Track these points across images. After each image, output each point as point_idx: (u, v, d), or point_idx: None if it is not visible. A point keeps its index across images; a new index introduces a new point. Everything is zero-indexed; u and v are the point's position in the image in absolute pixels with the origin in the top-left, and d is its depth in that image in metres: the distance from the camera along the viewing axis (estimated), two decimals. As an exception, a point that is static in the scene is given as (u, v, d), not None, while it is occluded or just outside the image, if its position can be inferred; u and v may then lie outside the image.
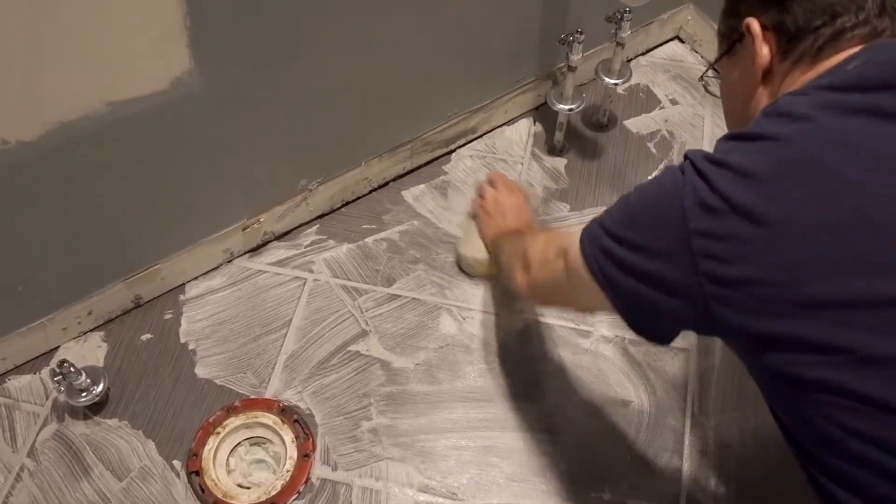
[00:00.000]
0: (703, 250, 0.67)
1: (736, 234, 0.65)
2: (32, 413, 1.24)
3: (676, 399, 1.25)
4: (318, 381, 1.27)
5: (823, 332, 0.63)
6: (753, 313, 0.66)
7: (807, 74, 0.74)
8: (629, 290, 0.74)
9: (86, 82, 0.99)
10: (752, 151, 0.67)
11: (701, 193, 0.67)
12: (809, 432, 0.69)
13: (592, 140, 1.57)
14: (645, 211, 0.73)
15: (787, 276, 0.64)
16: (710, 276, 0.67)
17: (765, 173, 0.65)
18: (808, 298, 0.63)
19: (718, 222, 0.66)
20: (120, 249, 1.25)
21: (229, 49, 1.07)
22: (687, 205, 0.68)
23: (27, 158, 1.01)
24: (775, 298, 0.64)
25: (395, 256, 1.40)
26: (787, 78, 0.76)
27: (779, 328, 0.65)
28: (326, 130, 1.31)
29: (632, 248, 0.73)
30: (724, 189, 0.66)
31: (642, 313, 0.76)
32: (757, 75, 0.78)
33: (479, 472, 1.19)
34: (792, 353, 0.65)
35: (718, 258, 0.66)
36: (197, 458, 1.19)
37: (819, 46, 0.73)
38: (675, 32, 1.73)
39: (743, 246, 0.65)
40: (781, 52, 0.76)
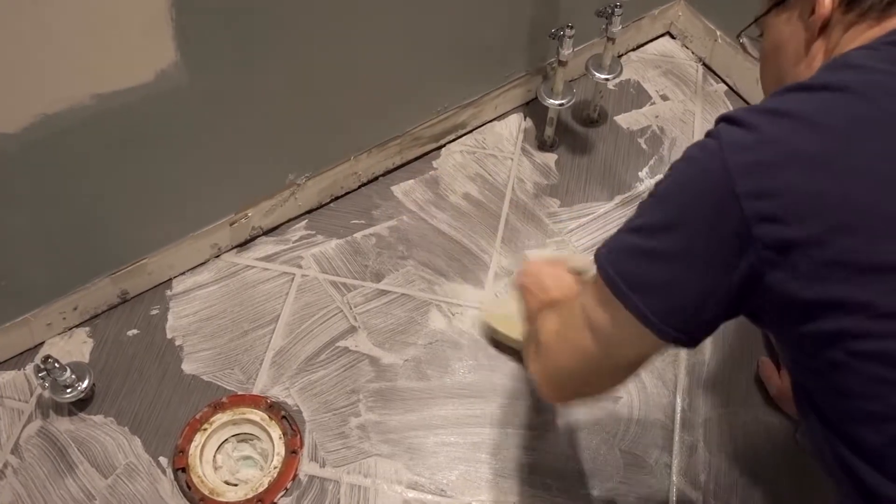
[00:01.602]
0: (756, 213, 0.60)
1: (796, 188, 0.58)
2: (17, 409, 1.22)
3: (666, 395, 1.25)
4: (307, 377, 1.26)
5: (890, 298, 0.57)
6: (813, 278, 0.59)
7: (872, 31, 0.67)
8: (661, 280, 0.65)
9: (69, 74, 0.97)
10: (816, 100, 0.61)
11: (748, 149, 0.61)
12: (849, 408, 0.63)
13: (583, 135, 1.57)
14: (676, 189, 0.65)
15: (856, 235, 0.58)
16: (767, 240, 0.60)
17: (834, 123, 0.59)
18: (879, 261, 0.58)
19: (774, 177, 0.59)
20: (106, 244, 1.23)
21: (215, 41, 1.06)
22: (731, 165, 0.60)
23: (9, 151, 0.99)
24: (840, 260, 0.58)
25: (384, 252, 1.40)
26: (847, 33, 0.69)
27: (840, 293, 0.59)
28: (315, 124, 1.30)
29: (660, 230, 0.65)
30: (784, 138, 0.60)
31: (678, 305, 0.66)
32: (814, 28, 0.71)
33: (467, 469, 1.18)
34: (849, 320, 0.59)
35: (776, 219, 0.59)
36: (183, 454, 1.17)
37: (889, 1, 0.67)
38: (666, 28, 1.73)
39: (805, 201, 0.58)
40: (846, 4, 0.69)
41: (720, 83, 1.65)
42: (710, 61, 1.67)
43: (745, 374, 1.27)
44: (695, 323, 0.68)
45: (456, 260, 1.39)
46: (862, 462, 0.63)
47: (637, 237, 0.67)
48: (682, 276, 0.65)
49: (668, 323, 0.66)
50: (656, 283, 0.66)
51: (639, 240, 0.67)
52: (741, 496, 1.16)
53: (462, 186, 1.48)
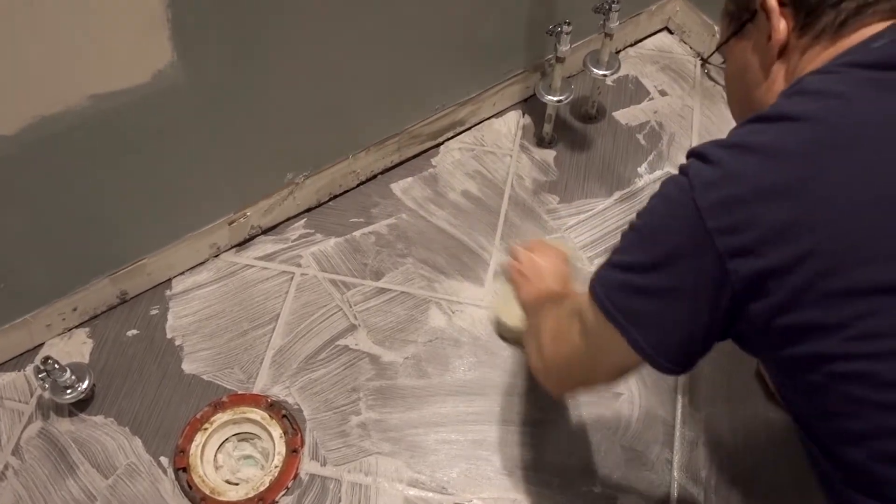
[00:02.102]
0: (728, 248, 0.62)
1: (765, 220, 0.60)
2: (17, 411, 1.22)
3: (667, 391, 1.25)
4: (307, 375, 1.26)
5: (866, 319, 0.59)
6: (787, 305, 0.61)
7: (828, 51, 0.69)
8: (655, 316, 0.68)
9: (66, 75, 0.97)
10: (778, 131, 0.63)
11: (714, 185, 0.62)
12: (834, 429, 0.64)
13: (581, 132, 1.56)
14: (654, 228, 0.68)
15: (825, 261, 0.59)
16: (740, 273, 0.62)
17: (797, 150, 0.61)
18: (849, 284, 0.59)
19: (742, 212, 0.61)
20: (105, 244, 1.23)
21: (212, 41, 1.06)
22: (702, 204, 0.62)
23: (7, 152, 0.99)
24: (812, 286, 0.60)
25: (383, 250, 1.39)
26: (805, 55, 0.71)
27: (814, 317, 0.60)
28: (313, 123, 1.30)
29: (650, 269, 0.68)
30: (749, 173, 0.61)
31: (673, 340, 0.69)
32: (773, 53, 0.73)
33: (468, 466, 1.18)
34: (827, 343, 0.60)
35: (747, 252, 0.61)
36: (184, 454, 1.17)
37: (841, 21, 0.69)
38: (664, 23, 1.72)
39: (774, 231, 0.60)
40: (800, 28, 0.71)
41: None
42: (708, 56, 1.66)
43: (746, 370, 1.27)
44: (685, 354, 0.71)
45: (455, 257, 1.39)
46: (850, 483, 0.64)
47: (629, 275, 0.70)
48: (674, 311, 0.68)
49: (661, 355, 0.70)
50: (651, 318, 0.69)
51: (630, 277, 0.70)
52: (742, 491, 1.16)
53: (461, 184, 1.48)
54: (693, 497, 1.16)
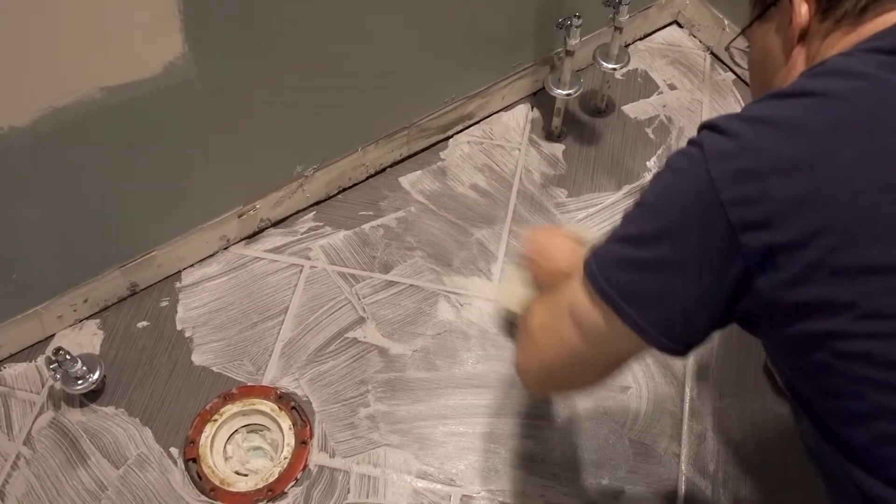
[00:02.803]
0: (741, 220, 0.61)
1: (781, 194, 0.60)
2: (28, 401, 1.23)
3: (675, 384, 1.25)
4: (316, 368, 1.26)
5: (874, 298, 0.58)
6: (798, 281, 0.60)
7: (849, 37, 0.69)
8: (656, 292, 0.66)
9: (78, 67, 0.98)
10: (796, 106, 0.62)
11: (730, 157, 0.62)
12: (837, 409, 0.64)
13: (590, 125, 1.56)
14: (661, 200, 0.66)
15: (839, 238, 0.59)
16: (752, 246, 0.61)
17: (814, 127, 0.60)
18: (862, 262, 0.59)
19: (758, 185, 0.60)
20: (115, 236, 1.24)
21: (224, 33, 1.06)
22: (716, 174, 0.61)
23: (20, 144, 1.00)
24: (824, 262, 0.59)
25: (392, 243, 1.40)
26: (826, 40, 0.71)
27: (825, 294, 0.60)
28: (323, 116, 1.30)
29: (653, 240, 0.66)
30: (766, 146, 0.61)
31: (674, 316, 0.67)
32: (793, 37, 0.73)
33: (477, 459, 1.19)
34: (834, 321, 0.60)
35: (759, 225, 0.60)
36: (194, 445, 1.18)
37: (863, 7, 0.68)
38: (674, 17, 1.72)
39: (788, 206, 0.59)
40: (822, 12, 0.71)
41: (728, 72, 1.64)
42: (717, 50, 1.66)
43: (754, 363, 1.27)
44: (687, 332, 0.68)
45: (464, 250, 1.39)
46: (853, 463, 0.64)
47: (627, 248, 0.68)
48: (675, 285, 0.65)
49: (662, 333, 0.67)
50: (649, 293, 0.67)
51: (629, 250, 0.67)
52: (750, 485, 1.16)
53: (470, 177, 1.48)
54: (701, 491, 1.16)
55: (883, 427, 0.61)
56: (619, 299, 0.67)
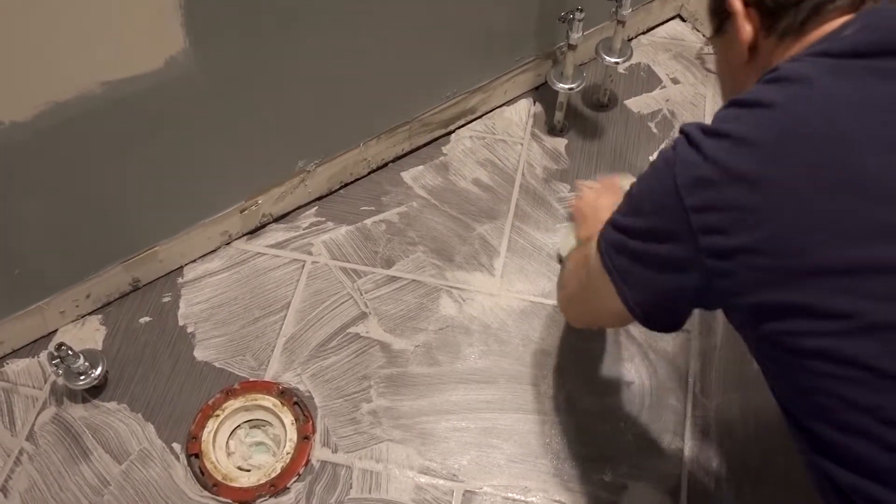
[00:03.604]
0: (701, 226, 0.66)
1: (734, 203, 0.64)
2: (31, 397, 1.23)
3: (678, 380, 1.25)
4: (318, 363, 1.26)
5: (825, 299, 0.62)
6: (754, 284, 0.65)
7: (793, 49, 0.73)
8: (642, 279, 0.74)
9: (78, 61, 0.97)
10: (749, 119, 0.67)
11: (694, 167, 0.67)
12: (804, 404, 0.68)
13: (593, 120, 1.56)
14: (643, 197, 0.74)
15: (789, 243, 0.63)
16: (711, 250, 0.66)
17: (764, 140, 0.65)
18: (810, 265, 0.62)
19: (715, 194, 0.65)
20: (117, 232, 1.24)
21: (225, 28, 1.06)
22: (680, 182, 0.67)
23: (20, 139, 1.00)
24: (776, 267, 0.64)
25: (394, 238, 1.40)
26: (774, 53, 0.75)
27: (779, 297, 0.64)
28: (324, 111, 1.30)
29: (639, 235, 0.73)
30: (721, 158, 0.65)
31: (657, 303, 0.76)
32: (743, 53, 0.77)
33: (479, 454, 1.18)
34: (792, 321, 0.64)
35: (717, 230, 0.65)
36: (196, 440, 1.18)
37: (801, 21, 0.72)
38: (676, 11, 1.71)
39: (742, 214, 0.64)
40: (765, 29, 0.75)
41: (731, 66, 1.63)
42: (721, 44, 1.65)
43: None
44: (665, 315, 0.77)
45: (466, 245, 1.39)
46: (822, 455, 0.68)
47: (620, 235, 0.76)
48: (651, 277, 0.73)
49: (644, 313, 0.77)
50: (636, 278, 0.75)
51: (622, 237, 0.75)
52: (753, 480, 1.16)
53: (472, 172, 1.48)
54: (704, 485, 1.16)
55: (846, 419, 0.64)
56: (616, 276, 0.76)
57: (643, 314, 0.77)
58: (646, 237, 0.72)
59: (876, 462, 0.63)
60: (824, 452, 0.67)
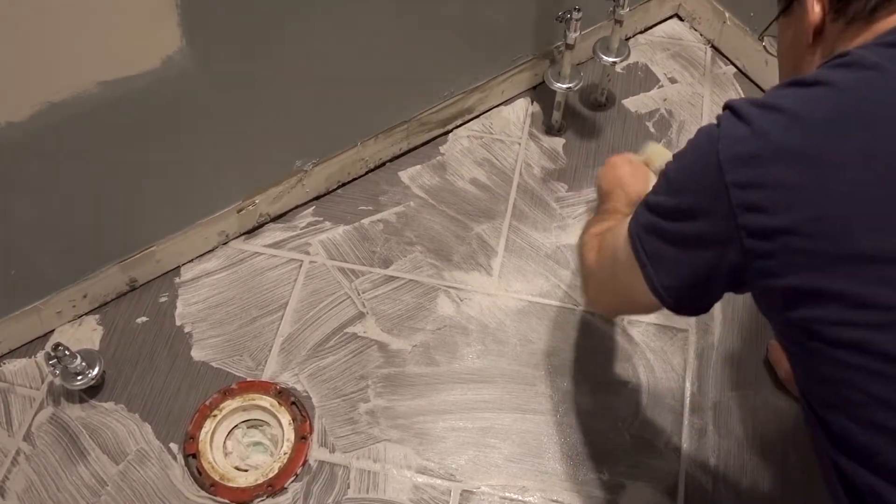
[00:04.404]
0: (742, 202, 0.64)
1: (780, 181, 0.62)
2: (28, 397, 1.23)
3: (675, 379, 1.25)
4: (315, 363, 1.26)
5: (864, 288, 0.60)
6: (791, 266, 0.63)
7: (861, 36, 0.70)
8: (670, 259, 0.72)
9: (74, 61, 0.97)
10: (807, 96, 0.64)
11: (740, 141, 0.65)
12: (828, 395, 0.66)
13: (590, 119, 1.56)
14: (681, 175, 0.71)
15: (832, 227, 0.61)
16: (750, 229, 0.64)
17: (820, 117, 0.62)
18: (853, 252, 0.60)
19: (760, 169, 0.63)
20: (114, 232, 1.24)
21: (221, 27, 1.06)
22: (723, 157, 0.65)
23: (16, 139, 0.99)
24: (817, 250, 0.61)
25: (391, 238, 1.39)
26: (839, 39, 0.73)
27: (816, 282, 0.62)
28: (322, 110, 1.30)
29: (674, 216, 0.71)
30: (771, 132, 0.63)
31: (687, 286, 0.73)
32: (808, 35, 0.75)
33: (477, 453, 1.18)
34: (826, 308, 0.62)
35: (759, 209, 0.63)
36: (194, 440, 1.18)
37: (872, 7, 0.70)
38: (674, 10, 1.71)
39: (787, 193, 0.62)
40: (833, 12, 0.72)
41: (729, 65, 1.63)
42: (718, 43, 1.65)
43: (754, 358, 1.26)
44: (693, 298, 0.75)
45: (464, 245, 1.39)
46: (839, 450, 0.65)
47: (654, 216, 0.74)
48: (685, 258, 0.71)
49: (671, 296, 0.74)
50: (666, 260, 0.73)
51: (656, 219, 0.73)
52: (750, 479, 1.16)
53: (469, 171, 1.48)
54: (701, 485, 1.16)
55: (870, 414, 0.62)
56: (645, 259, 0.74)
57: (672, 299, 0.74)
58: (680, 216, 0.70)
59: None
60: (842, 448, 0.65)
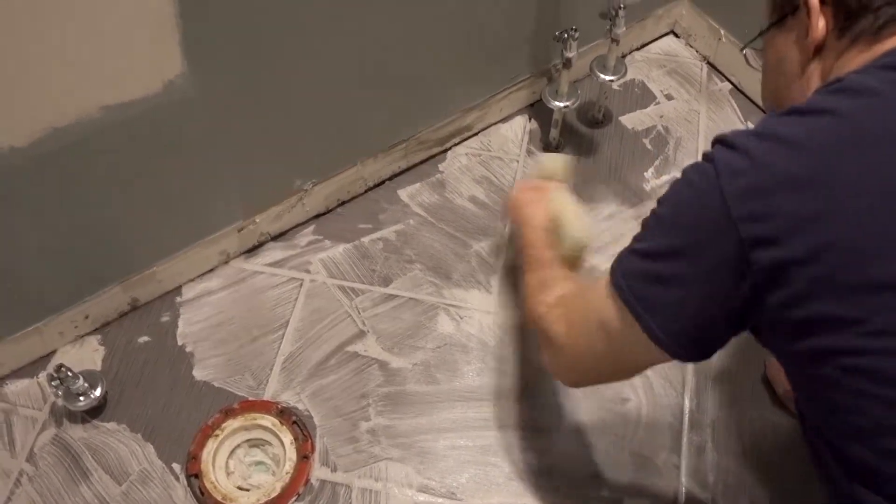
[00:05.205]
0: (752, 236, 0.63)
1: (789, 210, 0.61)
2: (30, 418, 1.24)
3: (674, 396, 1.26)
4: (317, 382, 1.27)
5: (878, 315, 0.60)
6: (805, 296, 0.62)
7: (864, 54, 0.70)
8: (674, 304, 0.69)
9: (77, 86, 0.98)
10: (809, 125, 0.64)
11: (742, 174, 0.63)
12: (841, 424, 0.65)
13: (588, 136, 1.57)
14: (677, 214, 0.69)
15: (845, 254, 0.60)
16: (762, 262, 0.63)
17: (823, 145, 0.62)
18: (866, 279, 0.60)
19: (767, 201, 0.62)
20: (116, 252, 1.24)
21: (222, 51, 1.07)
22: (727, 192, 0.63)
23: (19, 163, 1.00)
24: (830, 278, 0.61)
25: (391, 256, 1.40)
26: (841, 57, 0.72)
27: (829, 310, 0.61)
28: (321, 130, 1.31)
29: (670, 255, 0.69)
30: (775, 162, 0.62)
31: (693, 329, 0.70)
32: (809, 50, 0.74)
33: (478, 472, 1.19)
34: (839, 336, 0.62)
35: (770, 241, 0.62)
36: (196, 460, 1.19)
37: (879, 26, 0.69)
38: (670, 27, 1.73)
39: (798, 222, 0.61)
40: (838, 29, 0.71)
41: (725, 82, 1.65)
42: (714, 60, 1.67)
43: (753, 375, 1.27)
44: (703, 341, 0.72)
45: (463, 263, 1.39)
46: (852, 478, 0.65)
47: (646, 262, 0.71)
48: (689, 299, 0.69)
49: (678, 343, 0.71)
50: (667, 305, 0.70)
51: (649, 264, 0.71)
52: (749, 496, 1.17)
53: (468, 189, 1.49)
54: (701, 502, 1.17)
55: (886, 443, 0.62)
56: (640, 310, 0.71)
57: (676, 343, 0.71)
58: (681, 256, 0.68)
59: None
60: (855, 475, 0.65)
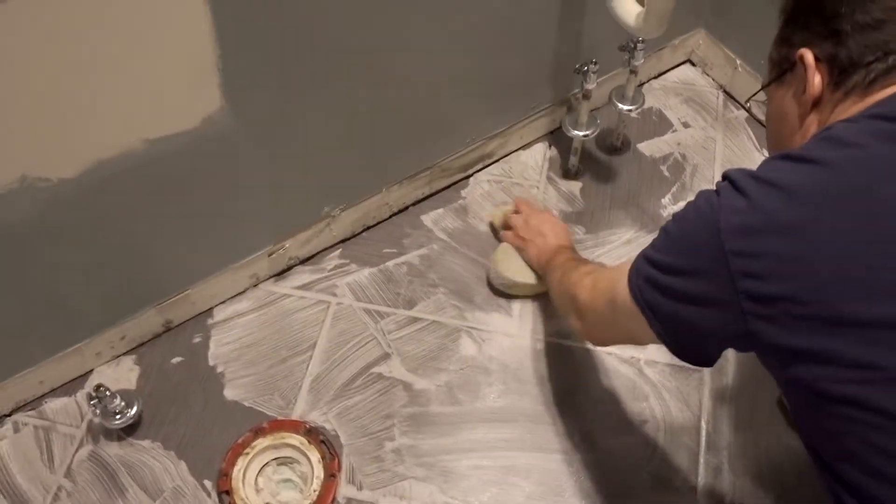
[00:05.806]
0: (740, 269, 0.69)
1: (776, 251, 0.68)
2: (68, 435, 1.28)
3: (691, 418, 1.28)
4: (343, 402, 1.31)
5: (854, 349, 0.66)
6: (788, 329, 0.68)
7: (857, 105, 0.76)
8: (673, 314, 0.78)
9: (123, 122, 1.04)
10: (799, 173, 0.70)
11: (738, 213, 0.70)
12: (833, 447, 0.72)
13: (606, 163, 1.61)
14: (682, 236, 0.77)
15: (822, 294, 0.66)
16: (749, 294, 0.69)
17: (810, 195, 0.68)
18: (843, 317, 0.66)
19: (756, 241, 0.69)
20: (152, 277, 1.29)
21: (258, 87, 1.12)
22: (723, 226, 0.70)
23: (67, 194, 1.06)
24: (810, 315, 0.67)
25: (415, 280, 1.44)
26: (837, 108, 0.78)
27: (811, 344, 0.68)
28: (349, 160, 1.36)
29: (672, 272, 0.76)
30: (768, 207, 0.69)
31: (687, 337, 0.79)
32: (807, 104, 0.80)
33: (499, 491, 1.22)
34: (822, 367, 0.68)
35: (756, 276, 0.69)
36: (227, 477, 1.22)
37: (870, 80, 0.75)
38: (687, 56, 1.77)
39: (781, 264, 0.68)
40: (833, 83, 0.78)
41: (740, 110, 1.68)
42: (730, 88, 1.70)
43: (768, 397, 1.30)
44: (698, 353, 0.82)
45: (485, 287, 1.43)
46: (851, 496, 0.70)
47: (654, 270, 0.79)
48: (687, 315, 0.77)
49: (677, 347, 0.80)
50: (669, 314, 0.79)
51: (656, 273, 0.79)
52: (766, 518, 1.19)
53: (490, 215, 1.53)
54: (717, 523, 1.19)
55: (874, 464, 0.68)
56: (648, 311, 0.80)
57: (675, 346, 0.81)
58: (681, 274, 0.75)
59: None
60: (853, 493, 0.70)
